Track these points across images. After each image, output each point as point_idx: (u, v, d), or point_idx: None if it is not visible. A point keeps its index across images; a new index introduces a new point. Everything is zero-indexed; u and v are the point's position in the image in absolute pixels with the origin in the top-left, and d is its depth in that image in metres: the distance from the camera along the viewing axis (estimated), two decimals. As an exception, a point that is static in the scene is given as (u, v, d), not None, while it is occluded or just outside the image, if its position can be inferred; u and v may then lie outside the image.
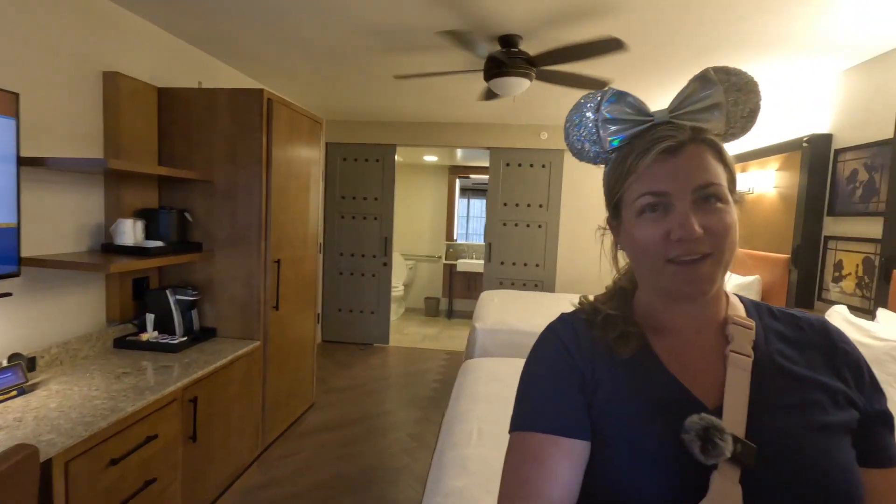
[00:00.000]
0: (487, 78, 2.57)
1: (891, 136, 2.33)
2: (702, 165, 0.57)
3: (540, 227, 4.95)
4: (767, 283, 3.20)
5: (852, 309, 2.31)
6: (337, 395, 3.73)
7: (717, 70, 0.60)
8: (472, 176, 6.99)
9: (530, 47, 2.51)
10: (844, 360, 0.60)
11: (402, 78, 2.86)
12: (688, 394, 0.57)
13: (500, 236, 4.99)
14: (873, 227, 2.47)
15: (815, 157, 2.89)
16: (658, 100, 3.65)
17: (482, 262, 6.50)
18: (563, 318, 0.70)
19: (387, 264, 5.05)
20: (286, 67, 3.22)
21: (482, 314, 3.44)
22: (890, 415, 0.58)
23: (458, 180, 7.01)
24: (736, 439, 0.51)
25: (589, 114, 0.64)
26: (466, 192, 7.34)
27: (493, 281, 5.02)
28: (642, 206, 0.58)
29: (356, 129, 4.97)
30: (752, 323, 0.61)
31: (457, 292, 6.79)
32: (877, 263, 2.42)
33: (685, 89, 0.61)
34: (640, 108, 0.62)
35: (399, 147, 5.05)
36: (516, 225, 4.97)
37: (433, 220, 7.06)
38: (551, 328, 0.69)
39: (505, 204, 4.96)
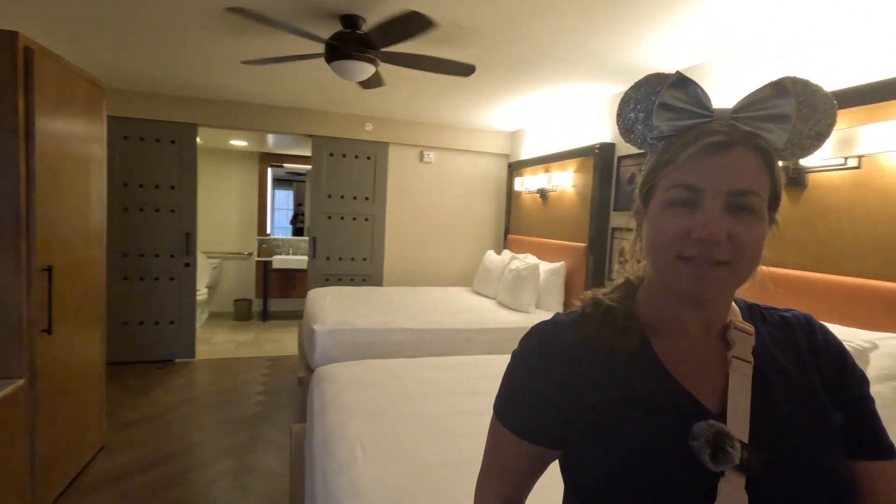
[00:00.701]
0: (329, 60, 2.36)
1: (660, 148, 2.94)
2: (745, 170, 0.53)
3: (367, 220, 4.86)
4: (570, 268, 3.75)
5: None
6: (133, 429, 3.02)
7: (794, 81, 0.56)
8: (286, 165, 6.46)
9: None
10: (828, 354, 0.60)
11: (248, 63, 2.44)
12: (692, 399, 0.56)
13: (326, 230, 4.73)
14: (648, 220, 3.10)
15: (603, 161, 3.48)
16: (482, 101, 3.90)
17: (301, 257, 6.09)
18: (557, 317, 0.66)
19: (190, 265, 4.30)
20: (52, 9, 2.40)
21: (318, 315, 3.19)
22: (874, 401, 0.58)
23: (270, 169, 6.39)
24: (744, 446, 0.51)
25: (650, 93, 0.60)
26: (281, 182, 6.75)
27: (319, 278, 4.73)
28: (671, 198, 0.55)
29: (145, 103, 4.07)
30: (751, 328, 0.60)
31: (273, 292, 6.22)
32: (651, 249, 3.04)
33: (756, 92, 0.56)
34: (700, 101, 0.57)
35: (201, 128, 4.33)
36: (342, 218, 4.78)
37: (242, 212, 6.31)
38: (539, 328, 0.65)
39: (330, 196, 4.71)
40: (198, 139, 4.30)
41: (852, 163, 1.89)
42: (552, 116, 4.32)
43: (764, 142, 0.54)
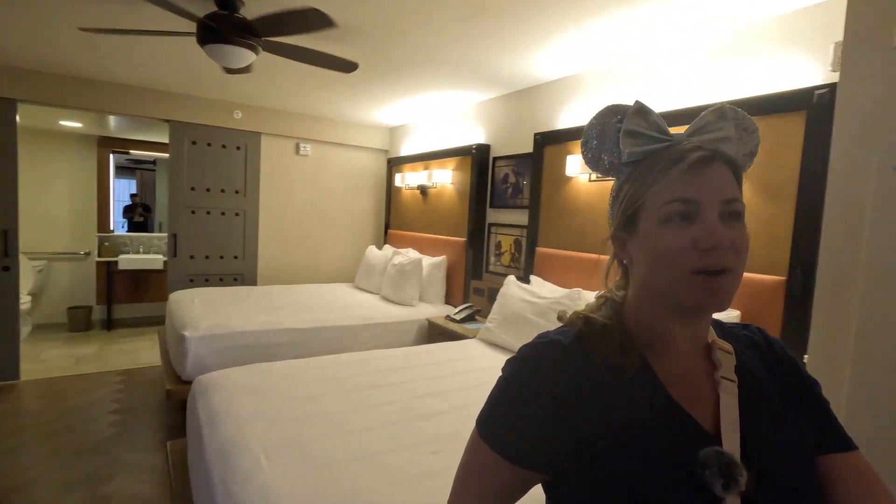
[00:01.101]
0: (201, 42, 2.16)
1: (530, 150, 3.25)
2: (728, 180, 0.57)
3: (237, 215, 4.52)
4: (451, 262, 3.94)
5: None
6: (-59, 473, 2.45)
7: (731, 108, 0.62)
8: (133, 151, 5.66)
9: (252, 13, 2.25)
10: (787, 363, 0.64)
11: (89, 32, 2.09)
12: (693, 422, 0.56)
13: (189, 226, 4.29)
14: (521, 217, 3.41)
15: (480, 161, 3.72)
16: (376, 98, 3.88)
17: (154, 256, 5.43)
18: (550, 336, 0.62)
19: (10, 269, 3.58)
20: None
21: (188, 319, 2.92)
22: (827, 401, 0.63)
23: (112, 155, 5.54)
24: (744, 471, 0.51)
25: (613, 123, 0.63)
26: (123, 170, 5.90)
27: (182, 279, 4.28)
28: (670, 214, 0.56)
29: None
30: (731, 347, 0.62)
31: (119, 296, 5.43)
32: (524, 244, 3.35)
33: (703, 117, 0.61)
34: (660, 127, 0.61)
35: (23, 104, 3.61)
36: (208, 213, 4.38)
37: (76, 205, 5.38)
38: (534, 347, 0.62)
39: (193, 189, 4.28)
40: (17, 118, 3.58)
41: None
42: (433, 116, 4.47)
43: (731, 156, 0.59)
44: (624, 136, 0.61)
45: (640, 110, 0.62)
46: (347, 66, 2.55)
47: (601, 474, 0.54)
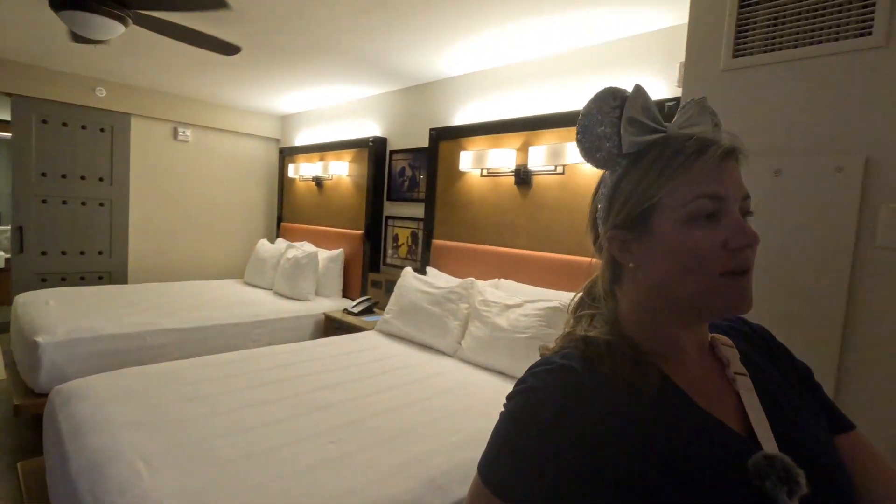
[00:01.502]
0: (57, 6, 1.90)
1: (426, 145, 3.33)
2: (740, 175, 0.53)
3: (102, 205, 4.02)
4: (349, 255, 3.90)
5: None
6: None
7: (704, 101, 0.59)
8: (-41, 128, 4.75)
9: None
10: (782, 352, 0.63)
11: None
12: (727, 429, 0.52)
13: (39, 218, 3.73)
14: (417, 210, 3.48)
15: (377, 154, 3.72)
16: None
17: (-6, 253, 4.63)
18: (558, 362, 0.55)
19: None
20: None
21: (40, 324, 2.56)
22: (819, 384, 0.62)
23: (-71, 132, 4.60)
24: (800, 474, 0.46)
25: (613, 109, 0.56)
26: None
27: (31, 278, 3.72)
28: (696, 212, 0.51)
29: None
30: (730, 341, 0.60)
31: (-57, 301, 4.55)
32: (421, 236, 3.43)
33: (686, 110, 0.58)
34: (654, 115, 0.55)
35: None
36: (65, 203, 3.84)
37: None
38: (536, 378, 0.55)
39: (44, 175, 3.72)
40: None
41: (559, 170, 2.55)
42: (329, 106, 4.36)
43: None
44: (626, 123, 0.54)
45: (640, 94, 0.55)
46: (228, 49, 2.41)
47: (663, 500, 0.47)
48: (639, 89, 0.56)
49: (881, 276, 1.24)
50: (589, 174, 2.43)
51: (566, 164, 2.50)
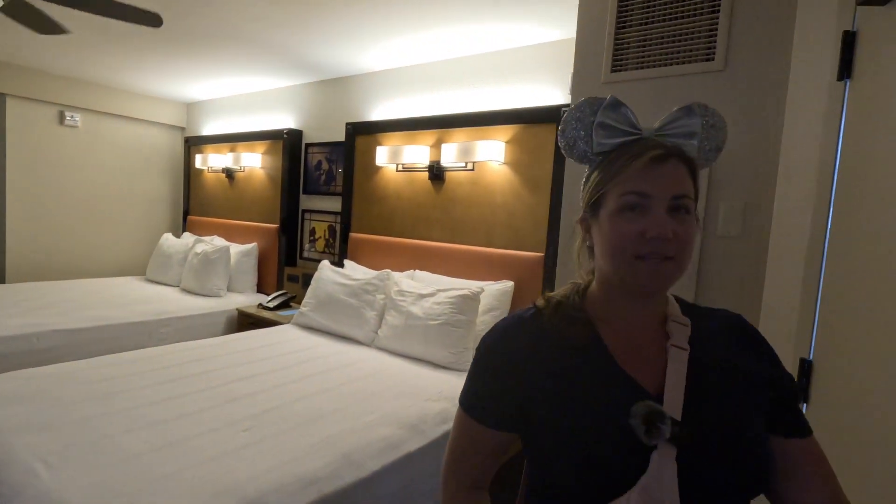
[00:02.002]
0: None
1: (343, 139, 3.35)
2: (680, 177, 0.62)
3: (-29, 196, 3.58)
4: (263, 249, 3.82)
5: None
6: None
7: (699, 105, 0.66)
8: None
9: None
10: (765, 347, 0.68)
11: None
12: (632, 382, 0.62)
13: None
14: (334, 204, 3.49)
15: (292, 147, 3.67)
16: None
17: None
18: (516, 313, 0.72)
19: None
20: None
21: None
22: (799, 391, 0.73)
23: None
24: (674, 422, 0.56)
25: (588, 115, 0.66)
26: None
27: None
28: (623, 204, 0.61)
29: None
30: (687, 321, 0.67)
31: None
32: (338, 229, 3.45)
33: (671, 115, 0.66)
34: (630, 121, 0.65)
35: None
36: (-77, 192, 3.37)
37: None
38: (504, 322, 0.71)
39: None
40: None
41: (470, 166, 2.71)
42: (240, 95, 4.21)
43: (686, 154, 0.64)
44: (597, 128, 0.65)
45: (614, 105, 0.65)
46: (151, 20, 2.22)
47: (551, 433, 0.62)
48: (613, 99, 0.66)
49: (721, 259, 1.51)
50: (496, 171, 2.62)
51: (476, 162, 2.66)
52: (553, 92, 2.49)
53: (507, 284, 2.47)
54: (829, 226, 1.18)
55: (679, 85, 1.61)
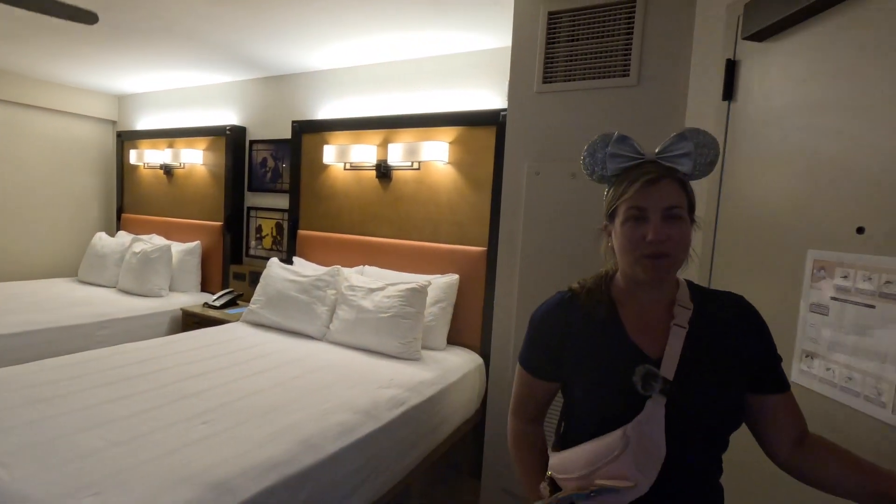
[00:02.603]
0: None
1: (289, 136, 3.37)
2: (671, 193, 0.79)
3: None
4: (207, 247, 3.75)
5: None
6: None
7: (691, 130, 0.83)
8: None
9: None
10: (755, 324, 0.84)
11: None
12: (639, 350, 0.82)
13: None
14: (282, 201, 3.50)
15: (235, 143, 3.64)
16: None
17: None
18: (560, 293, 0.93)
19: None
20: None
21: None
22: (780, 357, 0.84)
23: None
24: (665, 381, 0.76)
25: (601, 148, 0.86)
26: None
27: None
28: (628, 216, 0.80)
29: None
30: (691, 305, 0.84)
31: None
32: (286, 227, 3.47)
33: (669, 140, 0.83)
34: (635, 149, 0.84)
35: None
36: None
37: None
38: (549, 301, 0.94)
39: None
40: None
41: (416, 166, 2.84)
42: (177, 88, 4.08)
43: (679, 172, 0.82)
44: (609, 157, 0.85)
45: (621, 139, 0.85)
46: (86, 17, 2.16)
47: (579, 384, 0.86)
48: (619, 135, 0.85)
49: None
50: (441, 170, 2.76)
51: (422, 161, 2.79)
52: (493, 97, 2.66)
53: (453, 277, 2.62)
54: (717, 220, 1.41)
55: (601, 97, 1.82)
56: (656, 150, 0.83)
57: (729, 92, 1.37)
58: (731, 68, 1.36)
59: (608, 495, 0.76)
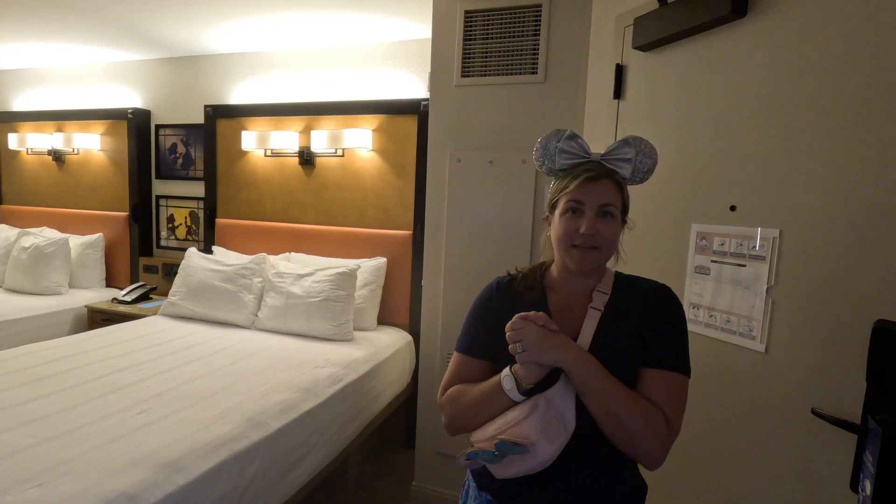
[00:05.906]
0: None
1: (201, 121, 3.23)
2: (607, 192, 0.87)
3: None
4: (111, 239, 3.50)
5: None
6: None
7: (634, 138, 0.90)
8: None
9: None
10: (666, 306, 0.90)
11: None
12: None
13: None
14: (196, 189, 3.36)
15: (139, 128, 3.41)
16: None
17: None
18: (498, 278, 1.01)
19: None
20: None
21: None
22: (681, 344, 0.88)
23: None
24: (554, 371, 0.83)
25: (553, 142, 0.92)
26: None
27: None
28: (566, 208, 0.88)
29: None
30: (609, 291, 0.92)
31: None
32: (202, 215, 3.34)
33: (613, 145, 0.90)
34: (584, 148, 0.91)
35: None
36: None
37: None
38: (489, 284, 1.01)
39: None
40: None
41: (340, 152, 2.89)
42: (65, 66, 3.70)
43: (618, 175, 0.89)
44: (559, 152, 0.91)
45: (572, 136, 0.91)
46: None
47: (506, 359, 0.87)
48: (571, 132, 0.92)
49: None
50: (365, 157, 2.84)
51: (345, 148, 2.85)
52: (416, 86, 2.78)
53: (381, 260, 2.74)
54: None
55: (513, 92, 2.01)
56: (602, 152, 0.91)
57: (618, 92, 1.62)
58: (620, 72, 1.61)
59: (514, 457, 0.81)
